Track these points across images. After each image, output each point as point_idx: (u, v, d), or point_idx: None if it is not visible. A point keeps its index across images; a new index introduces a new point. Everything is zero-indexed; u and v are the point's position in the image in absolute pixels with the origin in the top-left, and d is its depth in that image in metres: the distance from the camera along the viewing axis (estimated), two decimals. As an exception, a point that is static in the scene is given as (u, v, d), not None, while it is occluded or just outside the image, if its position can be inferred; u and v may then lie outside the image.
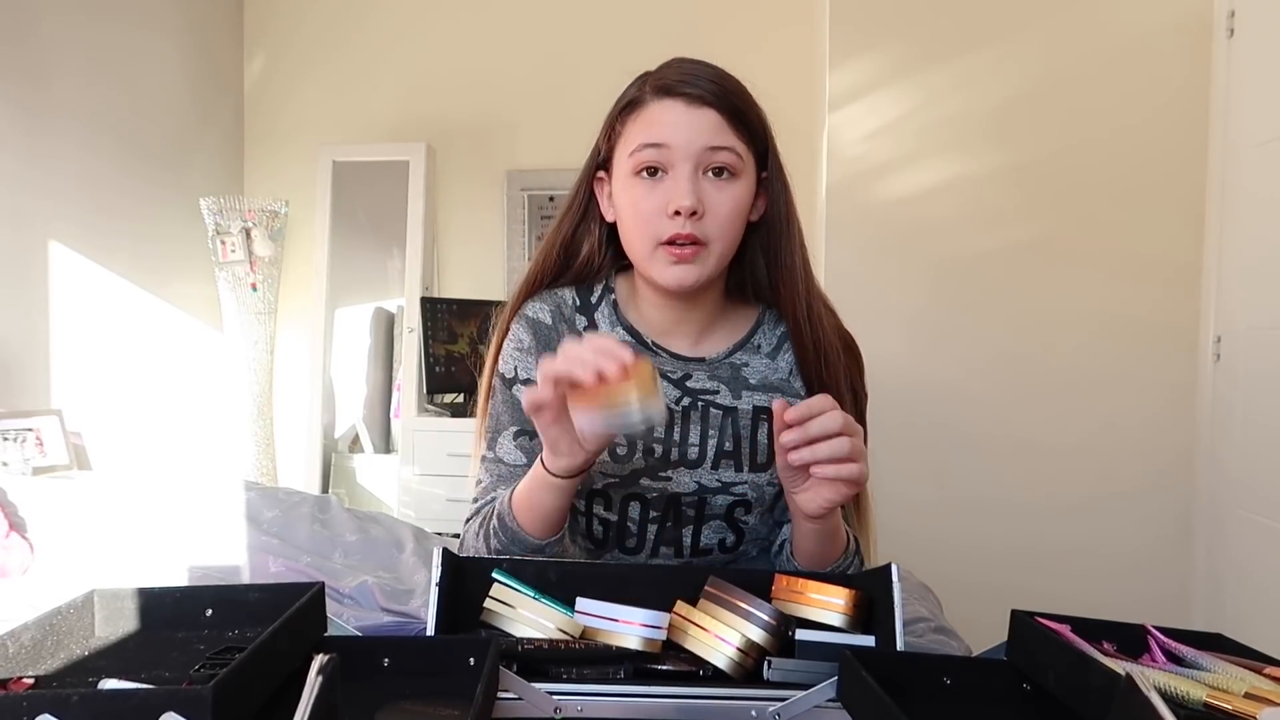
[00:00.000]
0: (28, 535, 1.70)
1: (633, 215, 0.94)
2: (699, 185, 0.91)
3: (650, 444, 0.98)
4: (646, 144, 0.92)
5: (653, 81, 0.94)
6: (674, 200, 0.91)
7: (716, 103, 0.92)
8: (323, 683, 0.50)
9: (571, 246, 1.04)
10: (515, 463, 1.01)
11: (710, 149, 0.91)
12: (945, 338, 2.34)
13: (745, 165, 0.94)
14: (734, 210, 0.93)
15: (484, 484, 1.01)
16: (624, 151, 0.95)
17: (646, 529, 1.00)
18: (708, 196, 0.92)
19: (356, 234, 3.35)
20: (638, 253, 0.96)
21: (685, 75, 0.93)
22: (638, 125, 0.94)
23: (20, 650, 0.57)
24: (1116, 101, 2.24)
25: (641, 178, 0.93)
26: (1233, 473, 2.06)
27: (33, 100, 2.45)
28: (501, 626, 0.75)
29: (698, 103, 0.91)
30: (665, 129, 0.92)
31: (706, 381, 1.01)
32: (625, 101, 0.97)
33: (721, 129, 0.92)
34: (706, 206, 0.92)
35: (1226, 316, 2.12)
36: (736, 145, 0.93)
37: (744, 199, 0.95)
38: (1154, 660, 0.67)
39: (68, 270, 2.57)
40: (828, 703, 0.66)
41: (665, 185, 0.92)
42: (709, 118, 0.91)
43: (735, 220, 0.94)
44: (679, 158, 0.91)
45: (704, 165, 0.92)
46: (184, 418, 3.07)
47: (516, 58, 3.26)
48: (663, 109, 0.93)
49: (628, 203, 0.95)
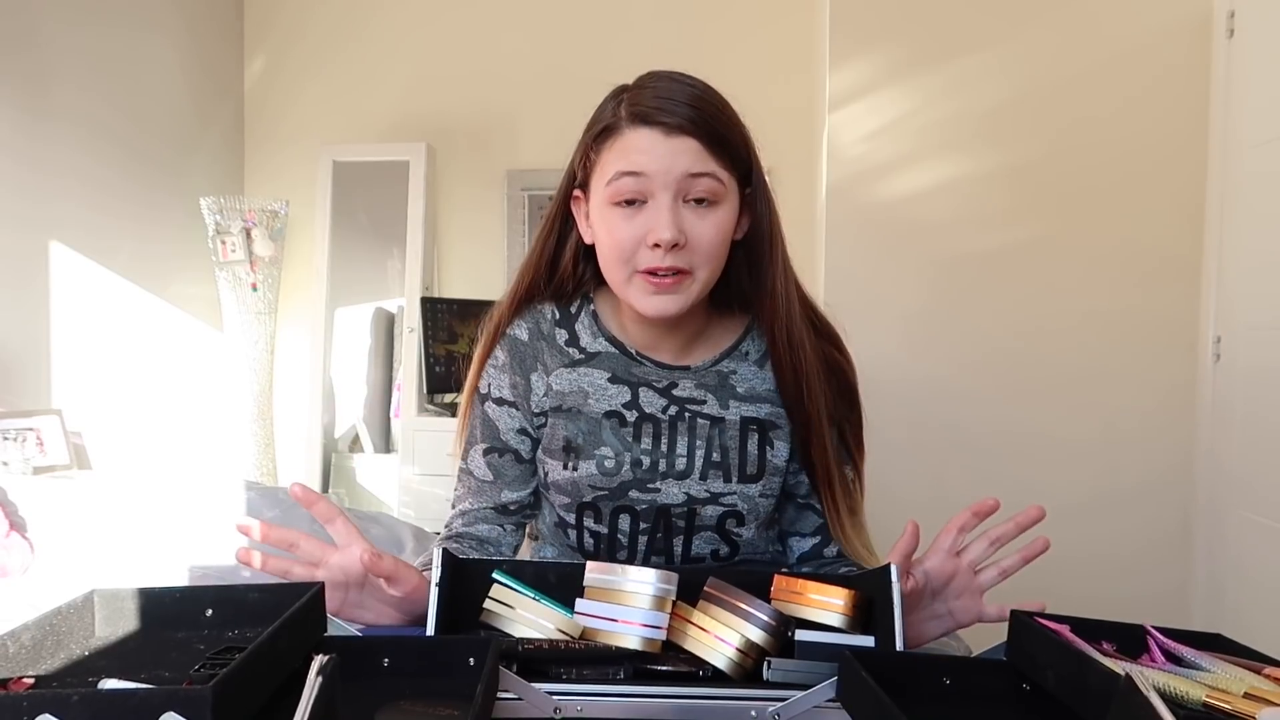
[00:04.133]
0: (28, 535, 1.70)
1: (611, 244, 0.92)
2: (679, 215, 0.89)
3: (639, 455, 0.97)
4: (624, 173, 0.89)
5: (628, 106, 0.90)
6: (654, 232, 0.88)
7: (695, 130, 0.88)
8: (323, 683, 0.50)
9: (552, 265, 1.03)
10: (484, 478, 1.03)
11: (690, 176, 0.88)
12: (945, 337, 2.34)
13: (728, 189, 0.91)
14: (717, 237, 0.91)
15: (458, 491, 1.05)
16: (600, 178, 0.92)
17: (637, 540, 0.99)
18: (689, 226, 0.89)
19: (356, 234, 3.35)
20: (615, 280, 0.94)
21: (662, 100, 0.89)
22: (613, 153, 0.91)
23: (20, 650, 0.57)
24: (1117, 101, 2.24)
25: (620, 207, 0.90)
26: (1232, 473, 2.06)
27: (34, 103, 2.45)
28: (501, 627, 0.75)
29: (676, 131, 0.88)
30: (642, 158, 0.88)
31: (693, 390, 1.00)
32: (601, 127, 0.93)
33: (701, 156, 0.88)
34: (689, 236, 0.89)
35: (1226, 316, 2.12)
36: (717, 171, 0.89)
37: (727, 224, 0.92)
38: (1153, 660, 0.67)
39: (68, 271, 2.57)
40: (827, 703, 0.66)
41: (644, 215, 0.89)
42: (687, 145, 0.88)
43: (719, 247, 0.92)
44: (658, 187, 0.88)
45: (684, 194, 0.89)
46: (184, 418, 3.07)
47: (516, 58, 3.26)
48: (639, 137, 0.89)
49: (605, 231, 0.92)
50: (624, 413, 0.99)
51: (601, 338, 1.02)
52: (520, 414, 1.02)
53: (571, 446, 0.98)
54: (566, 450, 0.98)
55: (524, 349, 1.02)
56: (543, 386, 1.01)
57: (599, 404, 0.99)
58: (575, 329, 1.03)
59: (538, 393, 1.01)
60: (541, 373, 1.02)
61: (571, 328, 1.03)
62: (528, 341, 1.02)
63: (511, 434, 1.02)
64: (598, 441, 0.98)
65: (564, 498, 1.00)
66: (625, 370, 1.00)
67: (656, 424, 0.98)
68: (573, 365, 1.01)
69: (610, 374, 1.00)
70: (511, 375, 1.02)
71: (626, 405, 0.99)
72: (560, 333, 1.03)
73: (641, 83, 0.93)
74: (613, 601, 0.75)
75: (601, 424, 0.98)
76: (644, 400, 0.99)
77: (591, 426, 0.98)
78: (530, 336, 1.03)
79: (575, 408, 0.99)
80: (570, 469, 0.98)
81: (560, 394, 1.00)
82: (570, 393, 1.00)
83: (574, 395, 1.00)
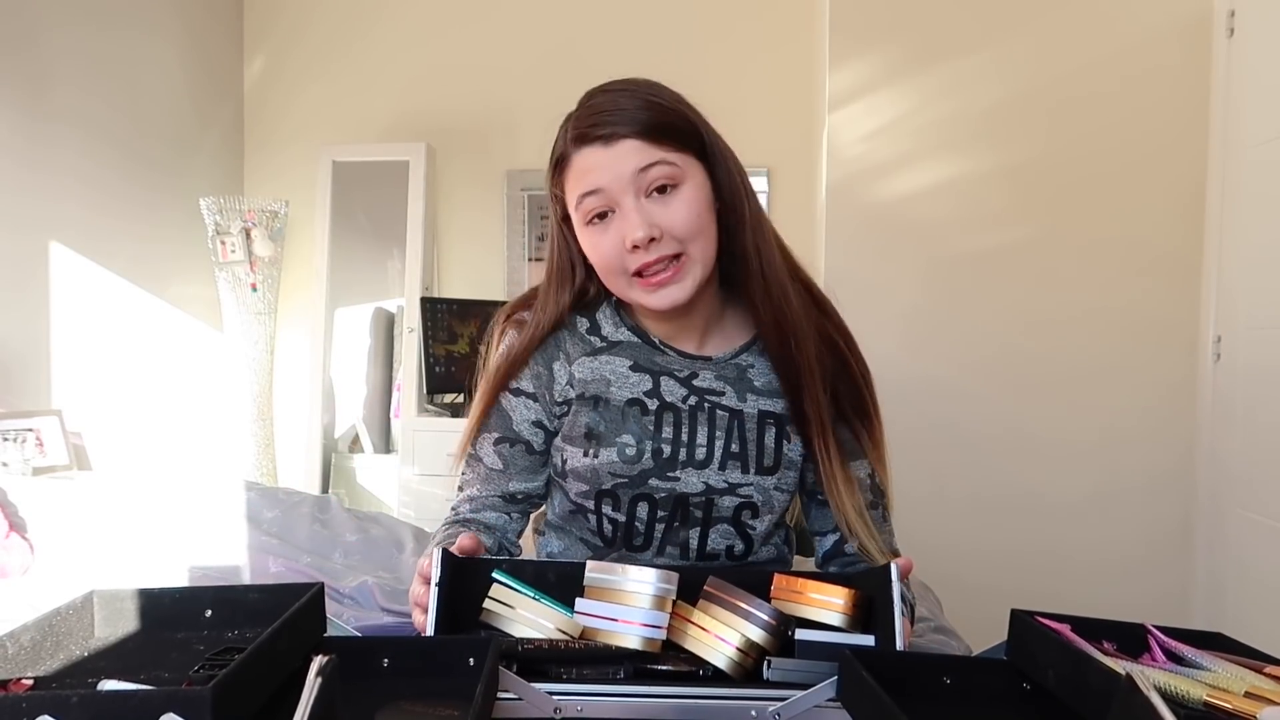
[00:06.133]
0: (28, 535, 1.70)
1: (598, 259, 0.96)
2: (645, 211, 0.92)
3: (660, 444, 0.99)
4: (584, 194, 0.93)
5: (571, 130, 0.95)
6: (628, 235, 0.91)
7: (631, 131, 0.92)
8: (322, 683, 0.50)
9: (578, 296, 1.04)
10: (493, 466, 1.04)
11: (640, 172, 0.91)
12: (945, 336, 2.34)
13: (684, 168, 0.93)
14: (689, 214, 0.93)
15: (466, 476, 1.07)
16: (571, 204, 0.97)
17: (654, 529, 1.00)
18: (658, 217, 0.92)
19: (356, 234, 3.35)
20: (618, 289, 0.98)
21: (594, 116, 0.93)
22: (571, 180, 0.95)
23: (20, 651, 0.57)
24: (1117, 100, 2.24)
25: (594, 224, 0.94)
26: (1233, 472, 2.06)
27: (34, 104, 2.45)
28: (501, 627, 0.75)
29: (612, 139, 0.92)
30: (594, 174, 0.92)
31: (713, 381, 1.02)
32: (555, 158, 0.98)
33: (643, 150, 0.91)
34: (661, 226, 0.92)
35: (1227, 316, 2.12)
36: (665, 156, 0.92)
37: (696, 199, 0.94)
38: (1154, 660, 0.67)
39: (68, 271, 2.57)
40: (828, 703, 0.66)
41: (616, 223, 0.93)
42: (628, 147, 0.91)
43: (698, 220, 0.93)
44: (617, 194, 0.92)
45: (642, 189, 0.92)
46: (184, 418, 3.07)
47: (516, 57, 3.26)
48: (584, 157, 0.93)
49: (590, 248, 0.97)
50: (645, 401, 1.00)
51: (624, 327, 1.04)
52: (539, 405, 1.03)
53: (593, 434, 1.00)
54: (588, 437, 1.00)
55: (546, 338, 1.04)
56: (565, 375, 1.03)
57: (621, 392, 1.01)
58: (596, 318, 1.05)
59: (560, 381, 1.03)
60: (564, 361, 1.03)
61: (592, 316, 1.05)
62: (550, 330, 1.04)
63: (525, 425, 1.04)
64: (619, 429, 0.99)
65: (582, 485, 1.01)
66: (647, 359, 1.02)
67: (677, 413, 1.00)
68: (594, 353, 1.03)
69: (632, 362, 1.02)
70: (534, 366, 1.03)
71: (648, 394, 1.00)
72: (581, 321, 1.05)
73: (581, 104, 0.97)
74: (613, 601, 0.75)
75: (625, 412, 1.00)
76: (665, 389, 1.01)
77: (614, 414, 1.00)
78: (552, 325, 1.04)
79: (598, 395, 1.01)
80: (591, 456, 0.99)
81: (584, 382, 1.02)
82: (593, 380, 1.01)
83: (596, 383, 1.01)
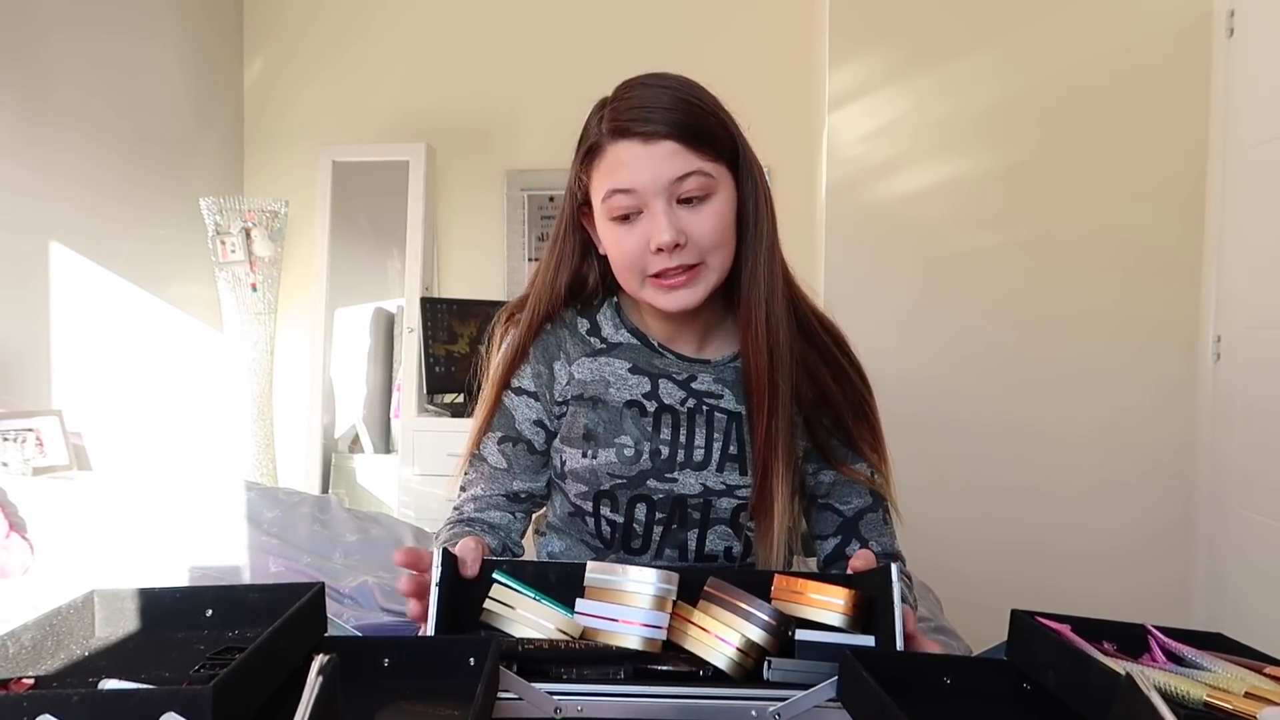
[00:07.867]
0: (28, 535, 1.70)
1: (619, 256, 0.95)
2: (675, 217, 0.91)
3: (658, 446, 0.99)
4: (614, 190, 0.92)
5: (608, 121, 0.92)
6: (654, 239, 0.90)
7: (673, 132, 0.90)
8: (323, 683, 0.50)
9: (574, 284, 1.04)
10: (497, 465, 1.04)
11: (677, 180, 0.90)
12: (946, 336, 2.34)
13: (718, 179, 0.92)
14: (716, 228, 0.92)
15: (469, 476, 1.06)
16: (596, 197, 0.95)
17: (652, 530, 1.00)
18: (686, 224, 0.91)
19: (356, 234, 3.35)
20: (630, 287, 0.97)
21: (636, 110, 0.91)
22: (601, 172, 0.93)
23: (20, 650, 0.57)
24: (1117, 101, 2.24)
25: (619, 222, 0.93)
26: (1233, 471, 2.06)
27: (34, 105, 2.45)
28: (501, 627, 0.75)
29: (654, 138, 0.90)
30: (628, 172, 0.91)
31: (711, 384, 1.02)
32: (587, 146, 0.95)
33: (684, 157, 0.90)
34: (688, 235, 0.91)
35: (1226, 316, 2.12)
36: (703, 166, 0.91)
37: (724, 212, 0.93)
38: (1154, 660, 0.67)
39: (68, 271, 2.57)
40: (828, 703, 0.66)
41: (643, 224, 0.92)
42: (668, 149, 0.90)
43: (722, 234, 0.93)
44: (649, 196, 0.90)
45: (675, 196, 0.91)
46: (184, 418, 3.07)
47: (516, 57, 3.26)
48: (621, 151, 0.91)
49: (612, 244, 0.95)
50: (644, 403, 1.00)
51: (624, 329, 1.04)
52: (539, 404, 1.03)
53: (591, 435, 1.00)
54: (586, 438, 1.00)
55: (546, 337, 1.04)
56: (566, 375, 1.03)
57: (620, 393, 1.01)
58: (596, 319, 1.05)
59: (560, 381, 1.03)
60: (564, 361, 1.03)
61: (593, 318, 1.05)
62: (550, 330, 1.04)
63: (527, 424, 1.04)
64: (618, 430, 0.99)
65: (581, 486, 1.01)
66: (646, 361, 1.02)
67: (675, 415, 1.00)
68: (594, 354, 1.03)
69: (631, 364, 1.02)
70: (535, 364, 1.03)
71: (646, 395, 1.01)
72: (581, 322, 1.05)
73: (618, 94, 0.94)
74: (613, 601, 0.75)
75: (622, 413, 1.00)
76: (663, 391, 1.01)
77: (612, 415, 1.00)
78: (553, 325, 1.04)
79: (596, 396, 1.01)
80: (589, 457, 0.99)
81: (582, 383, 1.02)
82: (592, 381, 1.02)
83: (595, 384, 1.01)
